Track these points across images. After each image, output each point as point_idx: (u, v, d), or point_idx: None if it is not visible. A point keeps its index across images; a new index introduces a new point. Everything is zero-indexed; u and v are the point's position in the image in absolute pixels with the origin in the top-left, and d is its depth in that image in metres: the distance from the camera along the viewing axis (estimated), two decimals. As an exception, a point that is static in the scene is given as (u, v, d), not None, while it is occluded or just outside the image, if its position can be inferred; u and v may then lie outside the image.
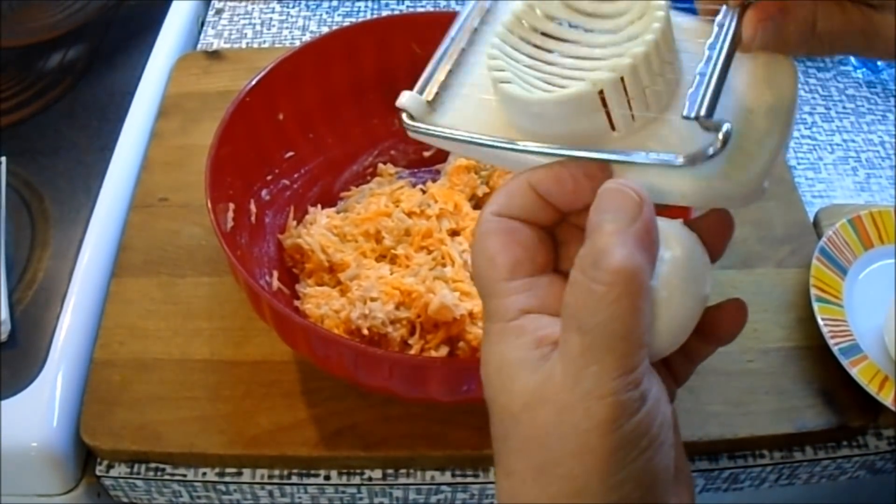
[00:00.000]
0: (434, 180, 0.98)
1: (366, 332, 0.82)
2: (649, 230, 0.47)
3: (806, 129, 1.17)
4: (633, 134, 0.51)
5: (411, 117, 0.58)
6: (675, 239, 0.51)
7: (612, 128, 0.52)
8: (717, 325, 0.54)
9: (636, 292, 0.45)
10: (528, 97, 0.52)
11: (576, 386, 0.44)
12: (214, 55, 1.20)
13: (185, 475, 0.84)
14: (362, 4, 1.34)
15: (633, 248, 0.46)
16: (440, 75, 0.59)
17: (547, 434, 0.45)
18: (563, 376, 0.45)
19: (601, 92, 0.50)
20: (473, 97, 0.57)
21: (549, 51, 0.55)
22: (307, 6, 1.34)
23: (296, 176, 0.96)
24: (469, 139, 0.56)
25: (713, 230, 0.54)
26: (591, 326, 0.44)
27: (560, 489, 0.45)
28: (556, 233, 0.54)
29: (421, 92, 0.59)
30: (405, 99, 0.59)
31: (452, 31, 0.62)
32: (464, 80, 0.59)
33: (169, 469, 0.84)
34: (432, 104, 0.59)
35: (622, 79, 0.49)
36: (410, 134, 0.59)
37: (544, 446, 0.45)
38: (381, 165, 1.01)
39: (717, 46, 0.50)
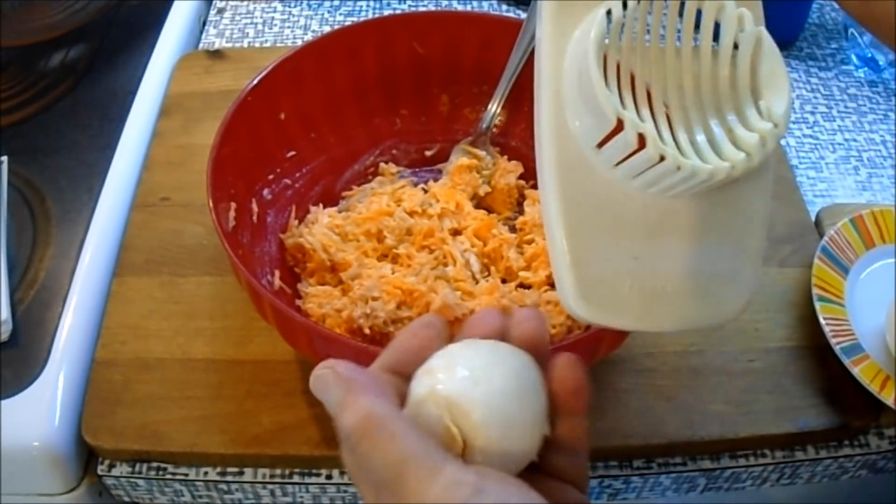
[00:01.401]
0: (436, 180, 0.99)
1: (367, 331, 0.82)
2: (348, 378, 0.49)
3: (808, 128, 1.17)
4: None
5: None
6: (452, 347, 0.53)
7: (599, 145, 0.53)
8: (558, 394, 0.54)
9: (375, 426, 0.46)
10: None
11: None
12: (216, 54, 1.20)
13: (186, 474, 0.84)
14: (364, 4, 1.34)
15: (353, 403, 0.47)
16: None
17: None
18: None
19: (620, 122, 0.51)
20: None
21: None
22: (309, 5, 1.34)
23: (297, 175, 0.96)
24: None
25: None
26: (376, 480, 0.45)
27: None
28: None
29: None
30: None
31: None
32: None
33: (171, 468, 0.84)
34: None
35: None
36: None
37: None
38: (382, 165, 1.01)
39: None
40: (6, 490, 0.85)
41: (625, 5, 0.53)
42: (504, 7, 1.34)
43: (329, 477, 0.84)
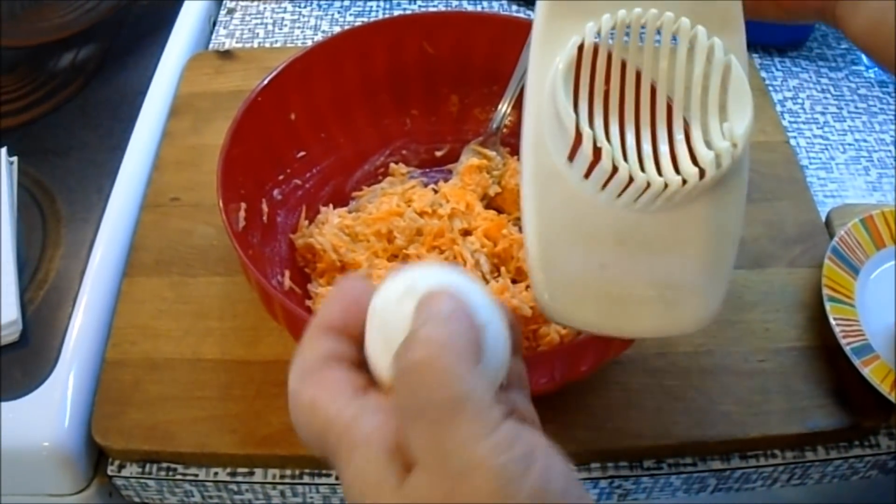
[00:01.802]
0: (446, 180, 0.98)
1: (377, 331, 0.82)
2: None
3: (818, 128, 1.17)
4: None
5: None
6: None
7: (570, 158, 0.55)
8: None
9: (442, 358, 0.43)
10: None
11: (446, 476, 0.41)
12: (226, 55, 1.20)
13: (196, 475, 0.84)
14: (374, 4, 1.34)
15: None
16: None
17: None
18: (430, 475, 0.42)
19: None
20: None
21: None
22: (319, 6, 1.34)
23: (307, 175, 0.96)
24: None
25: None
26: (422, 416, 0.42)
27: None
28: None
29: None
30: None
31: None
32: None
33: (180, 469, 0.84)
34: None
35: None
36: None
37: None
38: (392, 165, 1.01)
39: None
40: (16, 490, 0.85)
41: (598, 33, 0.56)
42: (514, 7, 1.34)
43: (339, 477, 0.84)
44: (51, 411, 0.84)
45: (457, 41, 0.98)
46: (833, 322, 0.87)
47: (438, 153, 1.03)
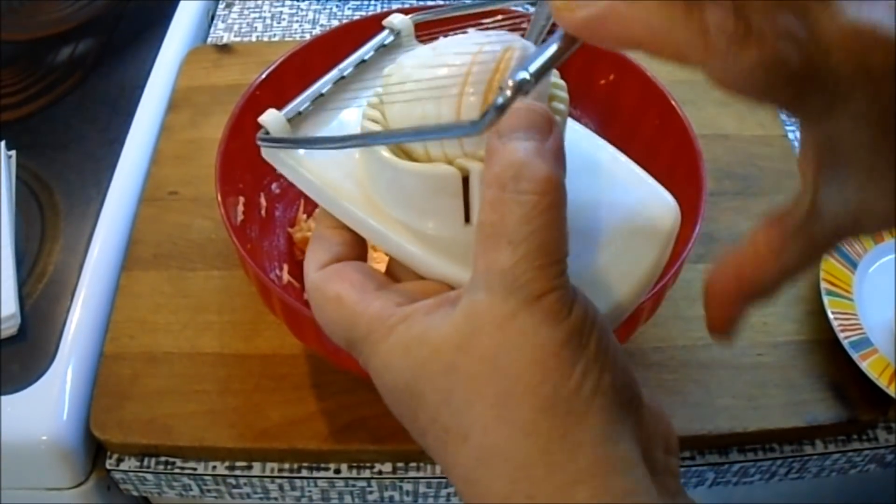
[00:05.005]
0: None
1: (375, 325, 0.82)
2: (561, 146, 0.45)
3: (816, 122, 1.17)
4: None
5: (267, 133, 0.59)
6: None
7: (467, 219, 0.50)
8: None
9: (562, 202, 0.43)
10: (392, 160, 0.50)
11: (510, 296, 0.42)
12: (224, 49, 1.20)
13: (195, 469, 0.84)
14: (372, -2, 1.34)
15: (553, 161, 0.44)
16: (307, 101, 0.61)
17: (494, 356, 0.42)
18: (493, 294, 0.43)
19: (465, 180, 0.49)
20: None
21: None
22: (317, 0, 1.34)
23: (306, 170, 0.96)
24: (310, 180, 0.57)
25: None
26: (525, 236, 0.42)
27: (530, 407, 0.42)
28: None
29: (287, 113, 0.59)
30: (268, 116, 0.60)
31: (344, 63, 0.65)
32: (338, 116, 0.61)
33: (179, 462, 0.84)
34: (294, 128, 0.60)
35: None
36: (263, 154, 0.61)
37: (496, 371, 0.42)
38: (390, 159, 1.01)
39: None
40: (15, 484, 0.85)
41: None
42: (511, 2, 1.33)
43: (338, 471, 0.84)
44: (49, 405, 0.84)
45: (454, 34, 0.98)
46: (831, 316, 0.87)
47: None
